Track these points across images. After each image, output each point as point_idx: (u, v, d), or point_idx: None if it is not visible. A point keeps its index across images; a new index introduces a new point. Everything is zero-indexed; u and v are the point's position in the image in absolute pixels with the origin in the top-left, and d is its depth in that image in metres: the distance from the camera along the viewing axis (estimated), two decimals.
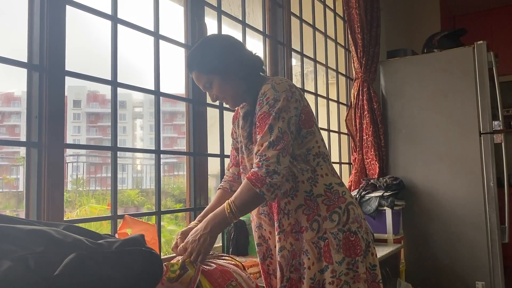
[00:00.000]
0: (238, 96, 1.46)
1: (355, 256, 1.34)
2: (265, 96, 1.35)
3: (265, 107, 1.33)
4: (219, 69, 1.40)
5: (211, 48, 1.43)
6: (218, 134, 2.17)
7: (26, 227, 0.97)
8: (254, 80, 1.45)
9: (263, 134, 1.30)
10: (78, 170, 9.11)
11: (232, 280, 1.37)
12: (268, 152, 1.27)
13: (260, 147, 1.29)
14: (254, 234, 1.53)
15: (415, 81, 3.24)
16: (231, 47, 1.46)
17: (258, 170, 1.26)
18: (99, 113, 31.37)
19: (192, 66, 1.43)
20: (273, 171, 1.25)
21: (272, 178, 1.24)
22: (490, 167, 2.91)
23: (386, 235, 2.73)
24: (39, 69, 1.40)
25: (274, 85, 1.36)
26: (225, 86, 1.42)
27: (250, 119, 1.44)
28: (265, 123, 1.31)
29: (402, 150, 3.25)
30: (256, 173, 1.26)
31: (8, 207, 7.05)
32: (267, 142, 1.28)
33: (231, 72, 1.42)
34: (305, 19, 3.00)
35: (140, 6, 2.61)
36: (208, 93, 1.48)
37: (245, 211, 1.33)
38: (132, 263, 1.02)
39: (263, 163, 1.26)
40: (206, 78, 1.42)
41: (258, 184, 1.24)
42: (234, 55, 1.43)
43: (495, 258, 2.87)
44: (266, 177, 1.24)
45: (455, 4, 5.04)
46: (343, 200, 1.37)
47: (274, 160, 1.26)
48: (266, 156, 1.26)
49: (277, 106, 1.32)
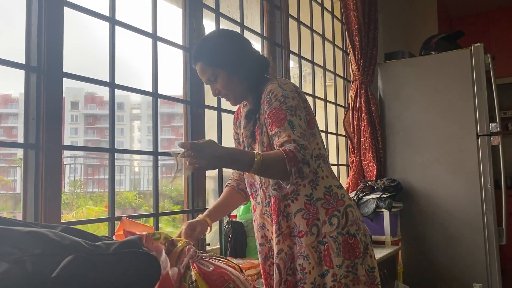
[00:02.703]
0: (241, 94, 1.45)
1: (354, 258, 1.34)
2: (272, 93, 1.34)
3: (275, 103, 1.31)
4: (226, 63, 1.38)
5: (221, 42, 1.41)
6: (216, 136, 2.17)
7: (23, 229, 0.97)
8: (259, 79, 1.43)
9: (284, 128, 1.26)
10: (75, 171, 9.09)
11: (230, 282, 1.37)
12: (303, 142, 1.23)
13: (287, 136, 1.24)
14: (256, 234, 1.52)
15: (413, 83, 3.24)
16: (240, 43, 1.45)
17: (295, 151, 1.20)
18: (97, 114, 31.30)
19: (199, 57, 1.40)
20: (307, 162, 1.22)
21: (304, 166, 1.21)
22: (487, 169, 2.92)
23: (383, 237, 2.73)
24: (36, 71, 1.40)
25: (280, 84, 1.36)
26: (230, 82, 1.41)
27: (253, 118, 1.42)
28: (282, 118, 1.28)
29: (400, 152, 3.26)
30: (294, 153, 1.20)
31: (5, 209, 7.03)
32: (294, 136, 1.24)
33: (238, 69, 1.40)
34: (303, 21, 3.00)
35: (138, 8, 2.61)
36: (211, 87, 1.46)
37: (264, 173, 1.28)
38: (129, 265, 1.02)
39: (302, 149, 1.21)
40: (212, 71, 1.40)
41: (292, 162, 1.19)
42: (243, 52, 1.43)
43: (493, 260, 2.88)
44: (301, 162, 1.20)
45: (452, 6, 5.06)
46: (342, 203, 1.37)
47: (310, 152, 1.23)
48: (303, 145, 1.23)
49: (289, 103, 1.31)
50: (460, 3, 4.97)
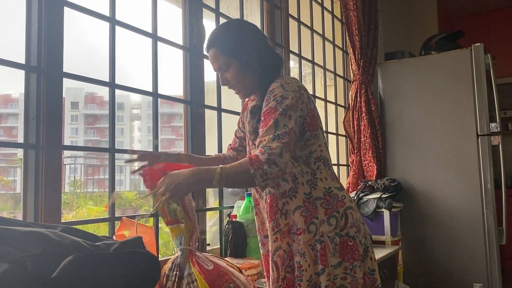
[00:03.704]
0: (250, 88, 1.44)
1: (352, 261, 1.33)
2: (272, 93, 1.33)
3: (271, 103, 1.31)
4: (242, 55, 1.37)
5: (240, 32, 1.40)
6: (216, 136, 2.17)
7: (23, 229, 0.97)
8: (270, 76, 1.42)
9: (268, 128, 1.27)
10: (75, 171, 9.09)
11: (230, 282, 1.37)
12: (272, 144, 1.24)
13: (263, 139, 1.26)
14: (257, 228, 1.53)
15: (413, 83, 3.24)
16: (258, 37, 1.44)
17: (260, 154, 1.23)
18: (97, 114, 31.30)
19: (214, 43, 1.39)
20: (273, 161, 1.22)
21: (269, 167, 1.21)
22: (487, 169, 2.92)
23: (384, 237, 2.73)
24: (37, 71, 1.40)
25: (283, 83, 1.35)
26: (241, 74, 1.40)
27: (258, 114, 1.41)
28: (271, 118, 1.28)
29: (400, 152, 3.26)
30: (257, 156, 1.22)
31: (5, 209, 7.03)
32: (272, 135, 1.25)
33: (253, 62, 1.39)
34: (303, 21, 3.00)
35: (138, 8, 2.61)
36: (220, 76, 1.45)
37: (231, 184, 1.32)
38: (130, 265, 1.02)
39: (266, 150, 1.23)
40: (225, 60, 1.38)
41: (254, 165, 1.21)
42: (260, 46, 1.41)
43: (493, 260, 2.88)
44: (265, 163, 1.21)
45: (452, 6, 5.05)
46: (342, 205, 1.37)
47: (277, 152, 1.23)
48: (269, 147, 1.23)
49: (285, 103, 1.30)
50: (460, 3, 4.97)
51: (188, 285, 1.38)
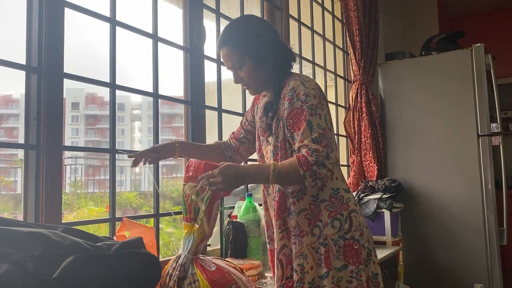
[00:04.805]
0: (263, 84, 1.44)
1: (358, 264, 1.33)
2: (294, 91, 1.32)
3: (296, 103, 1.31)
4: (256, 53, 1.36)
5: (252, 29, 1.39)
6: (217, 136, 2.17)
7: (24, 230, 0.97)
8: (284, 73, 1.41)
9: (303, 131, 1.27)
10: (76, 172, 9.08)
11: (232, 282, 1.37)
12: (315, 146, 1.24)
13: (303, 143, 1.26)
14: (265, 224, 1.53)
15: (413, 84, 3.24)
16: (271, 34, 1.42)
17: (307, 156, 1.24)
18: (98, 115, 31.32)
19: (227, 41, 1.38)
20: (322, 163, 1.23)
21: (318, 168, 1.23)
22: (488, 169, 2.92)
23: (384, 237, 2.73)
24: (37, 71, 1.40)
25: (303, 81, 1.34)
26: (255, 72, 1.39)
27: (272, 111, 1.41)
28: (301, 119, 1.28)
29: (401, 152, 3.25)
30: (306, 158, 1.23)
31: (6, 210, 7.03)
32: (309, 139, 1.26)
33: (267, 60, 1.38)
34: (304, 22, 3.00)
35: (139, 8, 2.61)
36: (233, 74, 1.44)
37: (283, 182, 1.32)
38: (130, 265, 1.02)
39: (313, 152, 1.23)
40: (239, 58, 1.37)
41: (304, 167, 1.23)
42: (275, 43, 1.40)
43: (494, 260, 2.88)
44: (314, 164, 1.22)
45: (453, 6, 5.05)
46: (346, 207, 1.36)
47: (324, 154, 1.24)
48: (315, 148, 1.24)
49: (310, 102, 1.30)
50: (460, 3, 4.97)
51: (189, 285, 1.38)
